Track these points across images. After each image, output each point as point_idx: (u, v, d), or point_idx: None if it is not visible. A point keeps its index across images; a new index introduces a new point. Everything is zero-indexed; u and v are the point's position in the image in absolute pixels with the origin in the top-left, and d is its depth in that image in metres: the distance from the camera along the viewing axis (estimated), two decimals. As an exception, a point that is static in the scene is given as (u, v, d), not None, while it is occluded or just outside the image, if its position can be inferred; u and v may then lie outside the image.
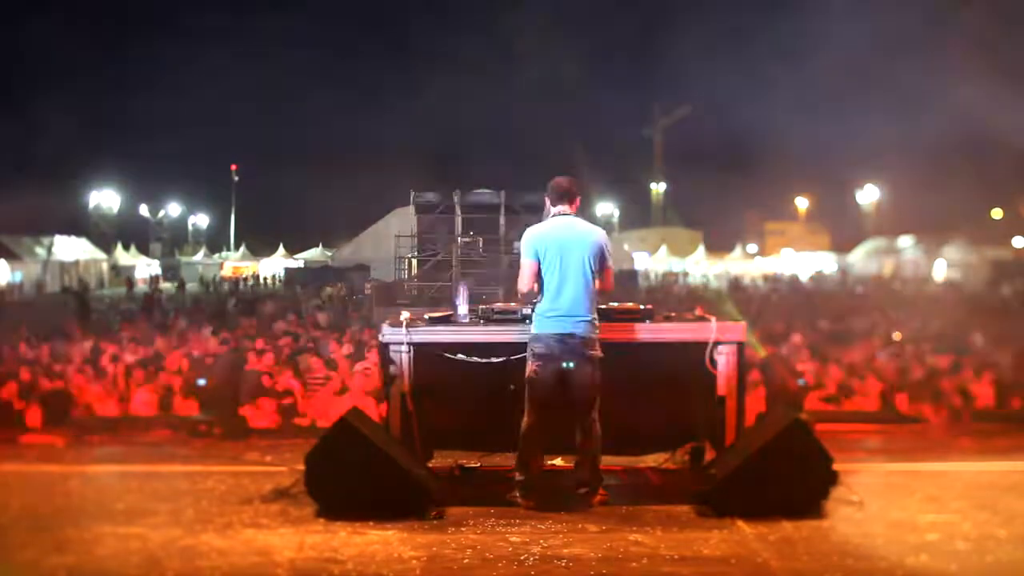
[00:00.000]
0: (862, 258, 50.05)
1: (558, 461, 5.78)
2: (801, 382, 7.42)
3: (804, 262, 50.73)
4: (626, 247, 44.13)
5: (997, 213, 51.00)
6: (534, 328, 5.21)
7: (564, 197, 5.33)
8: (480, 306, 5.81)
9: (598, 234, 5.28)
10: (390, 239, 29.60)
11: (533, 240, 5.25)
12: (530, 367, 5.19)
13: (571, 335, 5.13)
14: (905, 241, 47.96)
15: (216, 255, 55.06)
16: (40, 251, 38.31)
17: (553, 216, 5.33)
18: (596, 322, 5.22)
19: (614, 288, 5.46)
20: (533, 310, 5.27)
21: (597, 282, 5.24)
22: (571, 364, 5.13)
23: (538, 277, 5.23)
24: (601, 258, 5.23)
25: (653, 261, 48.83)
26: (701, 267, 48.35)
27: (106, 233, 49.66)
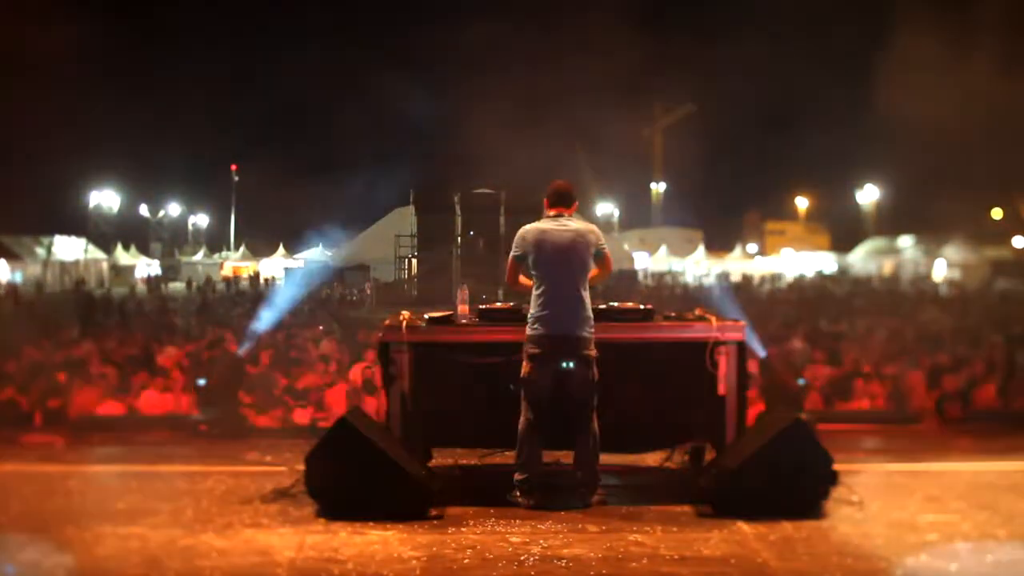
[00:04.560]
0: (862, 258, 50.05)
1: (558, 460, 5.78)
2: (801, 382, 7.41)
3: (804, 262, 50.72)
4: (626, 247, 44.13)
5: (997, 213, 51.02)
6: (528, 329, 5.21)
7: (562, 200, 5.36)
8: (480, 306, 5.81)
9: (588, 231, 5.28)
10: (390, 239, 29.61)
11: (524, 240, 5.28)
12: (525, 368, 5.19)
13: (565, 336, 5.13)
14: (905, 241, 47.99)
15: (216, 255, 55.01)
16: (40, 251, 38.31)
17: (547, 217, 5.35)
18: (591, 321, 5.22)
19: (613, 269, 5.58)
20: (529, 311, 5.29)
21: (595, 271, 5.27)
22: (568, 364, 5.13)
23: (525, 275, 5.29)
24: (595, 253, 5.26)
25: (653, 261, 48.79)
26: (701, 267, 48.33)
27: (106, 233, 49.62)
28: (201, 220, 65.43)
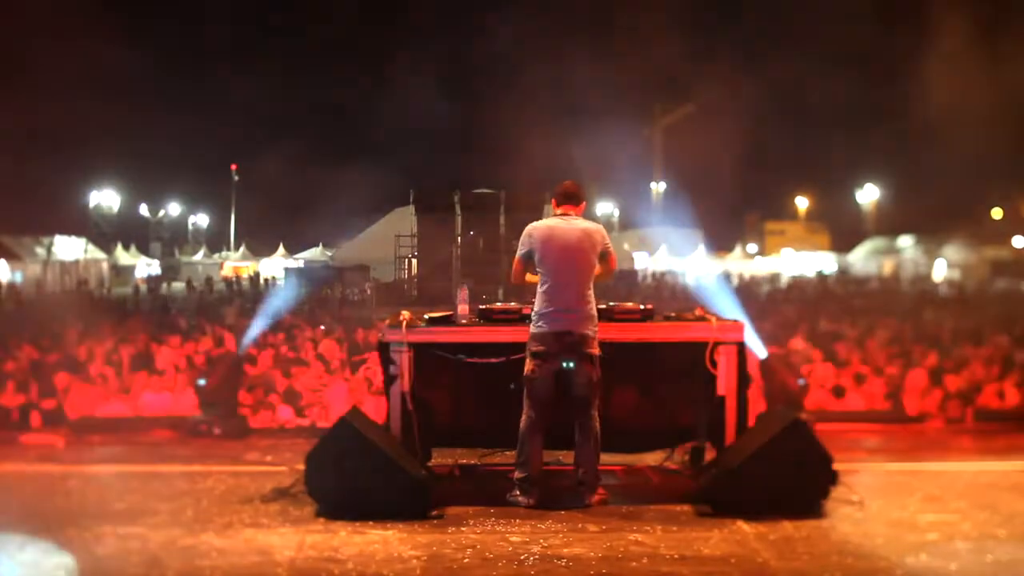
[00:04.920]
0: (862, 258, 50.04)
1: (558, 460, 5.78)
2: (801, 382, 7.40)
3: (804, 262, 50.71)
4: (626, 247, 44.08)
5: (997, 213, 51.04)
6: (532, 327, 5.22)
7: (570, 199, 5.38)
8: (480, 306, 5.81)
9: (594, 231, 5.29)
10: (390, 239, 29.61)
11: (530, 240, 5.29)
12: (528, 366, 5.20)
13: (569, 333, 5.14)
14: (905, 241, 48.00)
15: (216, 255, 54.98)
16: (40, 251, 38.27)
17: (554, 215, 5.38)
18: (595, 320, 5.23)
19: (617, 268, 5.58)
20: (532, 309, 5.29)
21: (597, 270, 5.28)
22: (570, 363, 5.14)
23: (532, 272, 5.30)
24: (600, 253, 5.26)
25: (653, 261, 48.75)
26: (701, 267, 48.23)
27: (106, 233, 49.57)
28: (201, 220, 65.43)
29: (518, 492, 5.20)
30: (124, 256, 48.00)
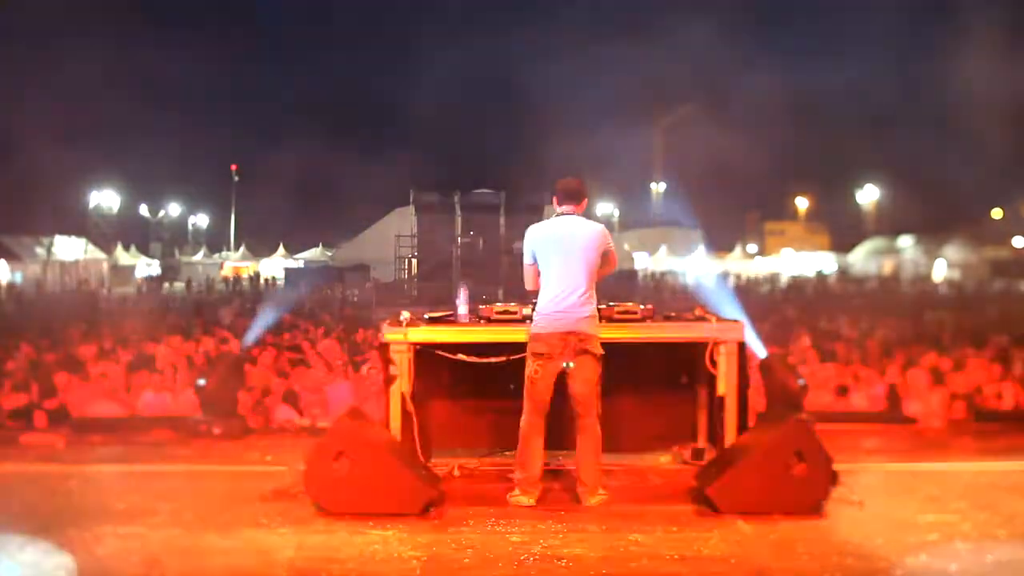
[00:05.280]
0: (862, 258, 50.05)
1: (558, 460, 5.78)
2: (801, 382, 7.40)
3: (804, 262, 50.71)
4: (626, 247, 44.11)
5: (997, 213, 51.08)
6: (533, 327, 5.22)
7: (571, 197, 5.35)
8: (480, 306, 5.81)
9: (597, 231, 5.29)
10: (390, 239, 29.66)
11: (532, 240, 5.28)
12: (530, 366, 5.19)
13: (571, 333, 5.13)
14: (905, 241, 48.02)
15: (216, 255, 54.96)
16: (40, 251, 38.27)
17: (556, 215, 5.36)
18: (597, 319, 5.22)
19: (617, 267, 5.55)
20: (534, 308, 5.28)
21: (602, 266, 5.27)
22: (571, 363, 5.14)
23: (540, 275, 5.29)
24: (602, 252, 5.26)
25: (653, 261, 48.74)
26: (701, 267, 48.19)
27: (106, 233, 49.54)
28: (201, 220, 65.42)
29: (518, 492, 5.20)
30: (124, 256, 47.98)
